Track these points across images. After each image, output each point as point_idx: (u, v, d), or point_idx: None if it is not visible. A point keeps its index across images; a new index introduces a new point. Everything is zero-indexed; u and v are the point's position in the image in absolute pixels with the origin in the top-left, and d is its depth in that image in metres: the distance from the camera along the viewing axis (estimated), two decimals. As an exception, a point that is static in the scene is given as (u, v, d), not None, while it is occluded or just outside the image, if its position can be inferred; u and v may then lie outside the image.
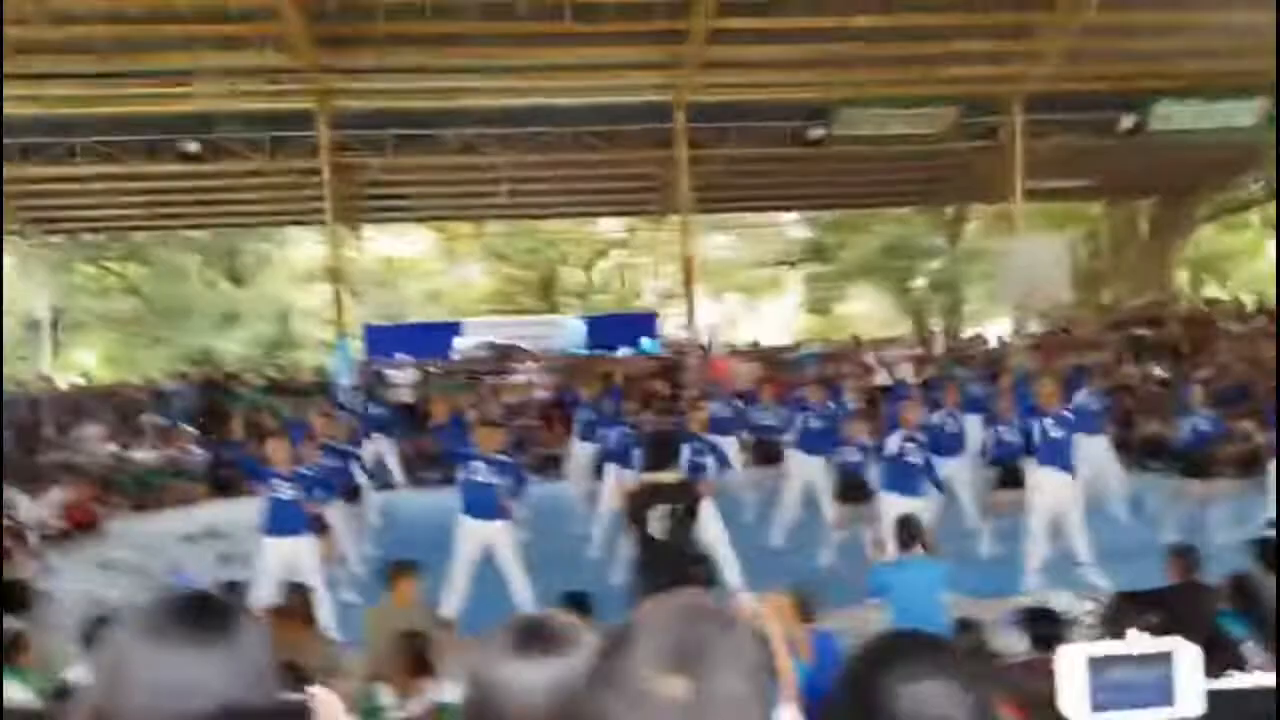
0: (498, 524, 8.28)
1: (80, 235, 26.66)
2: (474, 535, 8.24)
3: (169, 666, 1.31)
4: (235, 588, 6.79)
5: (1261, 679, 1.92)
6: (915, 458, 8.85)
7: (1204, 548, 6.99)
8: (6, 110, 16.03)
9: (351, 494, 10.60)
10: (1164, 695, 1.70)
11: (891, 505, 8.52)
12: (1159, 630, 4.36)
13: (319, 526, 8.81)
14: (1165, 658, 1.72)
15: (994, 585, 7.90)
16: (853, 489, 9.68)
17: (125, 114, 17.00)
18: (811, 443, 10.70)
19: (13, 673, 5.34)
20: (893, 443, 8.93)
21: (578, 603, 6.11)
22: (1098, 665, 1.68)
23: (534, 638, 1.54)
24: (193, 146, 17.14)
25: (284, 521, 8.03)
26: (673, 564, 6.35)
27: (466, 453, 8.43)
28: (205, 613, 1.37)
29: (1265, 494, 9.32)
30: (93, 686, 1.35)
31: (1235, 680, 1.87)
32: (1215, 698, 1.70)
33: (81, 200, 21.00)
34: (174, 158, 17.42)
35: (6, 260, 24.48)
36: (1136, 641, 1.73)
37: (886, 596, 6.25)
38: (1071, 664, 1.68)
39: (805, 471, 10.67)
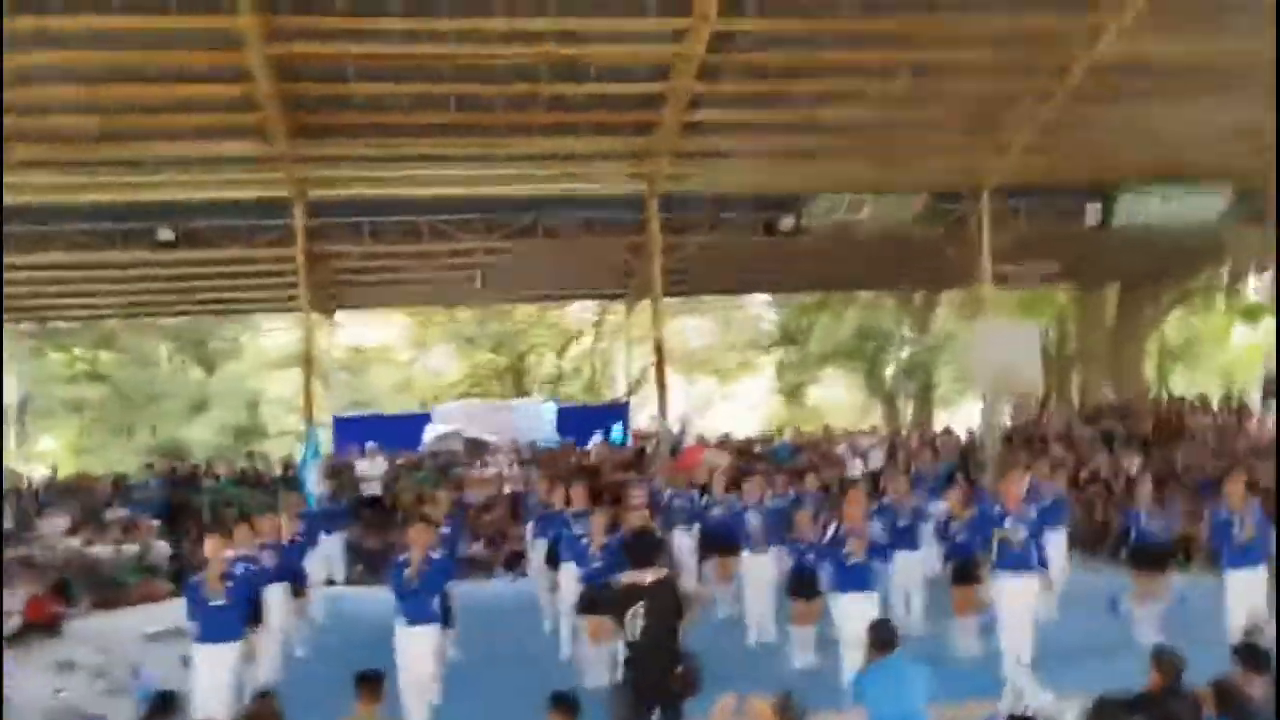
0: (425, 630, 8.02)
1: (52, 323, 26.46)
2: (405, 641, 7.97)
3: None
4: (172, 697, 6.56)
5: None
6: (859, 552, 8.60)
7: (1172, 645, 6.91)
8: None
9: (298, 590, 10.66)
10: None
11: (842, 603, 8.44)
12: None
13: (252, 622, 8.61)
14: None
15: (971, 685, 7.75)
16: (803, 585, 9.58)
17: (101, 202, 17.01)
18: (766, 539, 10.71)
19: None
20: (837, 538, 8.80)
21: (566, 704, 5.95)
22: None
23: None
24: (168, 234, 17.12)
25: (213, 629, 7.79)
26: (655, 666, 6.22)
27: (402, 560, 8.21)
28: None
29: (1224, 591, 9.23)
30: None
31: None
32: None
33: (55, 288, 20.87)
34: (149, 245, 17.40)
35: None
36: None
37: (868, 703, 6.11)
38: None
39: (764, 569, 10.66)
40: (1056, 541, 10.84)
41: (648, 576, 6.47)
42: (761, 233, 18.92)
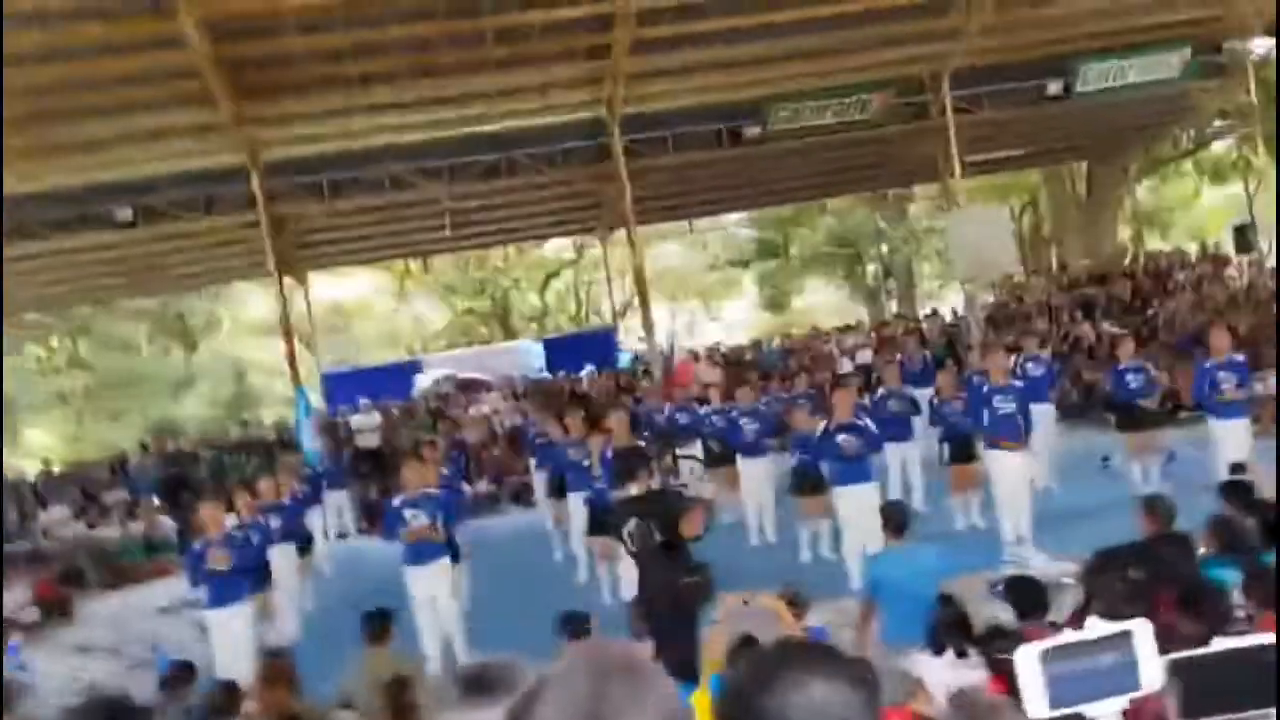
0: (435, 565, 8.13)
1: (22, 316, 26.18)
2: (416, 580, 8.10)
3: None
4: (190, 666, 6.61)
5: (1258, 639, 1.88)
6: (854, 445, 8.72)
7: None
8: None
9: (304, 547, 10.85)
10: (1130, 680, 1.64)
11: (843, 497, 8.54)
12: (1143, 585, 4.32)
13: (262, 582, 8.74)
14: (1126, 639, 1.66)
15: (974, 560, 7.87)
16: (806, 481, 9.69)
17: (52, 188, 16.75)
18: (754, 447, 10.80)
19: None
20: (831, 434, 8.89)
21: (577, 622, 6.02)
22: (1056, 657, 1.63)
23: (476, 684, 1.49)
24: (126, 213, 16.91)
25: (222, 593, 7.88)
26: (658, 577, 6.26)
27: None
28: None
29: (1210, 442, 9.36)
30: None
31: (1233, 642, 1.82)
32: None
33: (20, 279, 20.61)
34: (108, 226, 17.18)
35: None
36: (1093, 628, 1.68)
37: (880, 588, 6.19)
38: (1028, 664, 1.63)
39: (760, 471, 10.77)
40: (1046, 412, 10.91)
41: (633, 490, 6.53)
42: (728, 144, 18.75)
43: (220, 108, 15.22)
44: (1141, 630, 1.64)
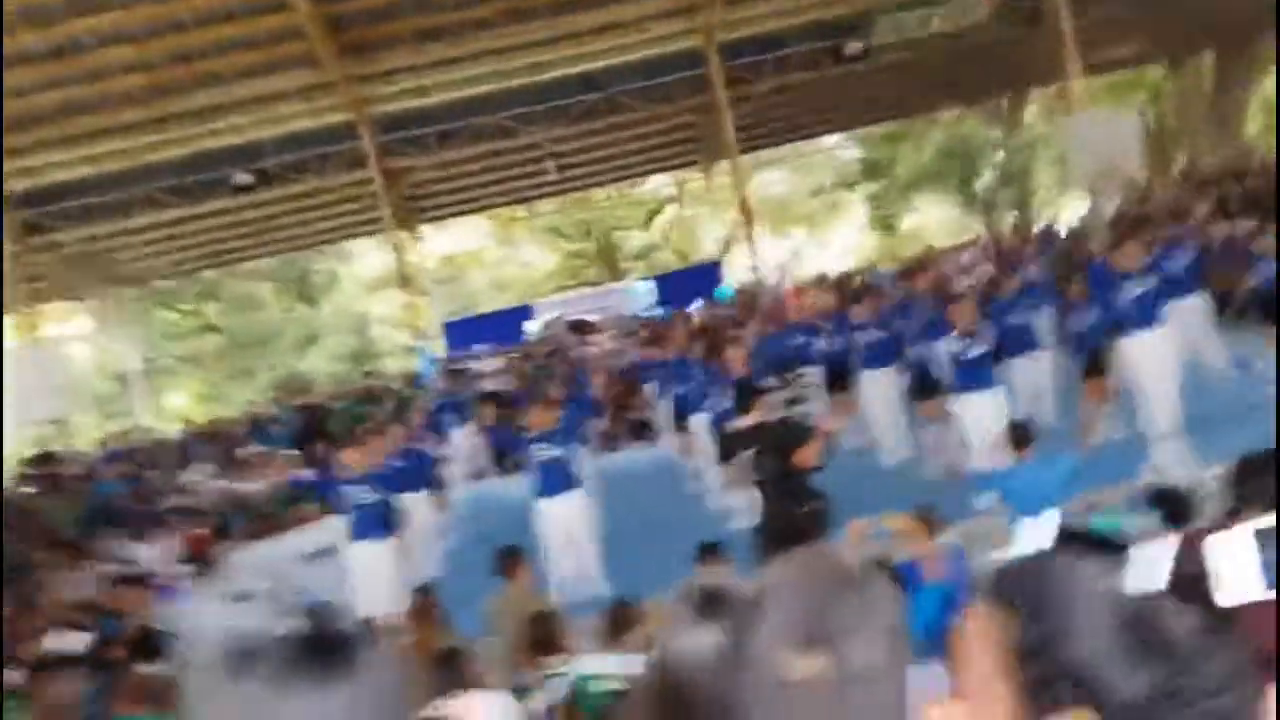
0: (568, 497, 8.25)
1: (151, 283, 27.36)
2: (549, 514, 8.23)
3: (294, 713, 1.24)
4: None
5: None
6: (976, 353, 8.53)
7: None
8: (58, 177, 16.49)
9: (436, 488, 11.08)
10: None
11: (964, 404, 8.33)
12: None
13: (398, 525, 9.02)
14: None
15: (1111, 468, 7.60)
16: (925, 386, 9.53)
17: (172, 158, 17.33)
18: (876, 359, 10.46)
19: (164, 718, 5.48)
20: (953, 343, 8.66)
21: (714, 552, 6.06)
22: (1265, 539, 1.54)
23: (706, 604, 1.48)
24: (245, 178, 17.40)
25: (365, 527, 8.14)
26: (777, 506, 6.24)
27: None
28: (327, 650, 1.29)
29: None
30: None
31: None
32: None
33: (147, 250, 21.51)
34: (228, 191, 17.72)
35: (89, 323, 25.27)
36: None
37: (1011, 500, 6.07)
38: (1232, 545, 1.54)
39: (878, 387, 10.44)
40: (1192, 306, 10.28)
41: (748, 421, 6.50)
42: (830, 64, 18.25)
43: (326, 67, 15.47)
44: None
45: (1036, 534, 5.20)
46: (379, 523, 8.18)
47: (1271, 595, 1.50)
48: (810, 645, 1.16)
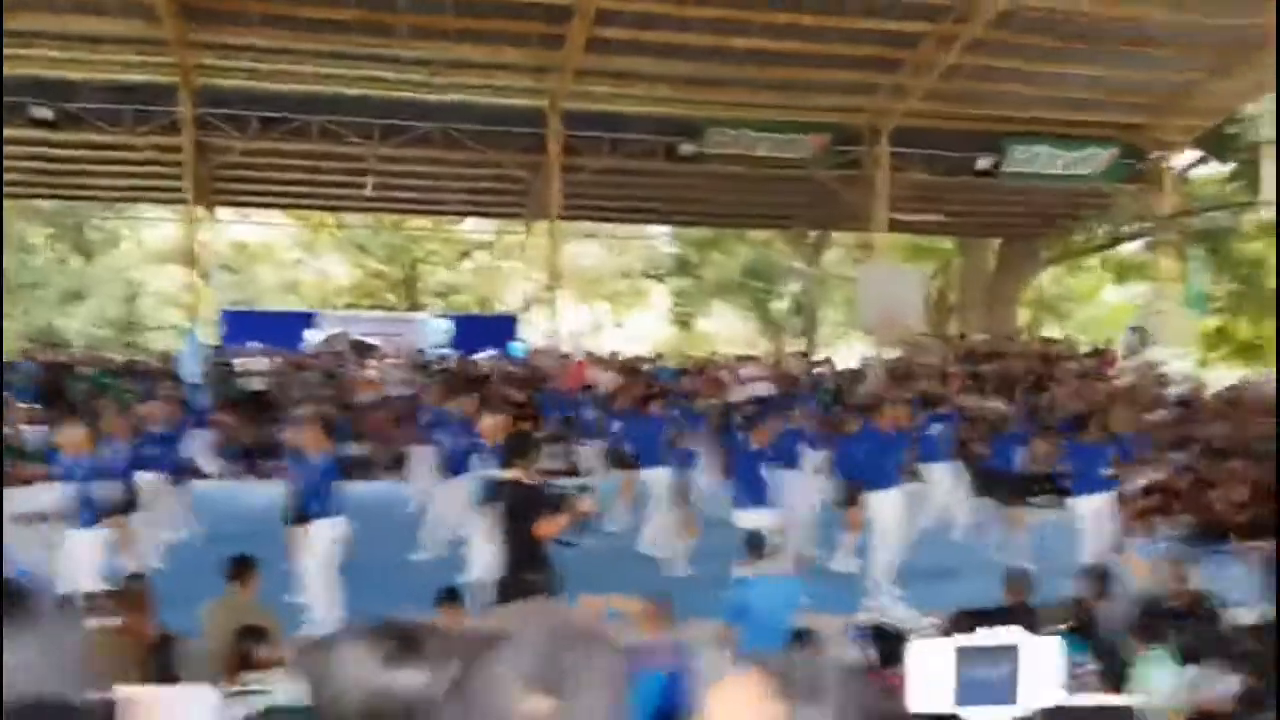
0: (334, 522, 8.02)
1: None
2: (312, 535, 8.00)
3: None
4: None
5: (1110, 699, 1.98)
6: (764, 473, 8.94)
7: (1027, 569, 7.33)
8: None
9: (176, 478, 10.66)
10: (1007, 692, 1.71)
11: (744, 519, 8.70)
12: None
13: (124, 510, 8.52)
14: (1010, 651, 1.72)
15: (837, 600, 8.08)
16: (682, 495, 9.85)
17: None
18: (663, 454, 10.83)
19: None
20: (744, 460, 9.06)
21: (453, 598, 6.03)
22: (961, 657, 1.69)
23: (384, 639, 1.48)
24: (45, 113, 16.23)
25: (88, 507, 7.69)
26: (515, 571, 6.31)
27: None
28: (14, 602, 1.27)
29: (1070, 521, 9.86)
30: None
31: (1089, 699, 1.91)
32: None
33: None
34: (25, 123, 16.46)
35: None
36: (990, 635, 1.73)
37: (741, 613, 6.34)
38: (929, 656, 1.69)
39: (659, 482, 10.77)
40: (949, 468, 11.39)
41: (508, 475, 6.58)
42: (663, 157, 18.91)
43: (164, 24, 14.76)
44: (1031, 648, 1.71)
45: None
46: (95, 506, 7.68)
47: (961, 711, 1.65)
48: (540, 689, 1.22)
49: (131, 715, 1.34)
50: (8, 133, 16.93)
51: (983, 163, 19.29)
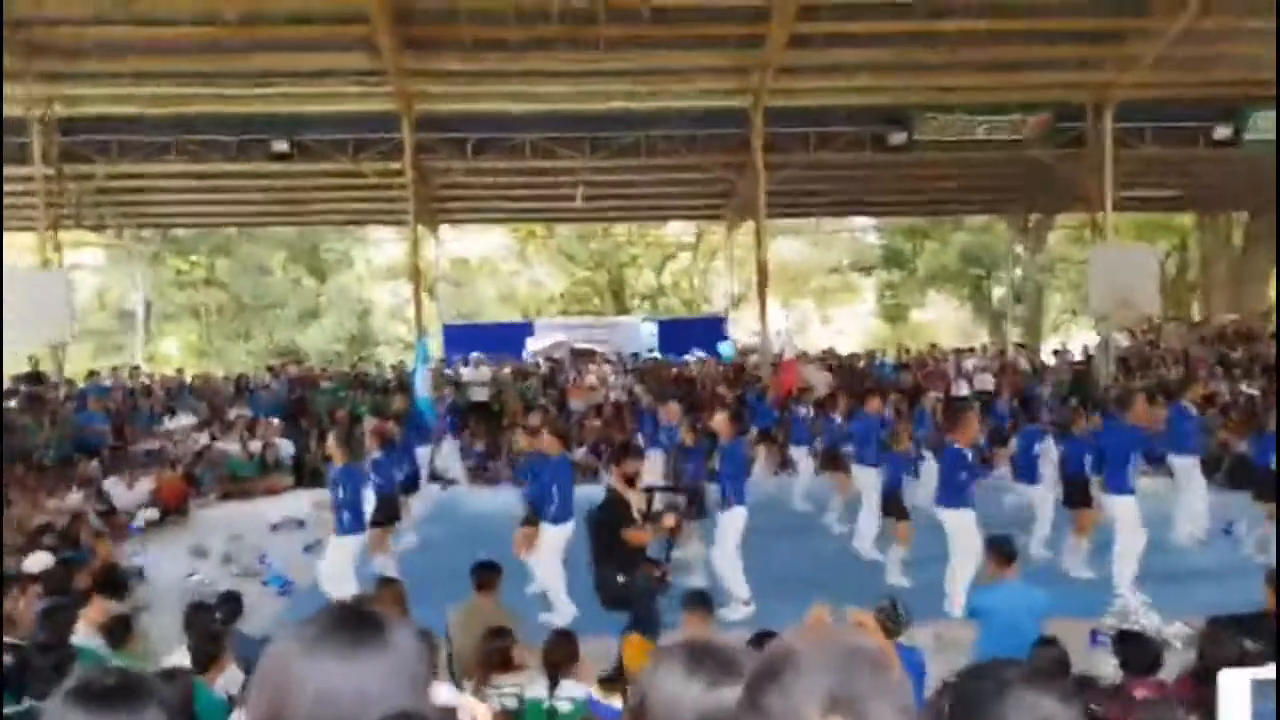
0: (541, 525, 8.32)
1: (172, 230, 27.51)
2: (549, 538, 8.31)
3: (332, 675, 1.32)
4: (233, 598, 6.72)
5: None
6: (965, 473, 8.47)
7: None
8: (103, 109, 16.62)
9: (410, 489, 11.09)
10: None
11: (944, 519, 8.42)
12: (1257, 657, 4.22)
13: (388, 519, 9.10)
14: None
15: (1081, 605, 7.68)
16: (893, 504, 9.61)
17: (216, 113, 17.50)
18: (873, 455, 10.52)
19: (119, 655, 5.52)
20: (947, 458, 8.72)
21: (702, 602, 6.09)
22: (1262, 690, 1.62)
23: (702, 661, 1.54)
24: (282, 146, 17.54)
25: (343, 519, 8.16)
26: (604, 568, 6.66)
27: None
28: (363, 622, 1.39)
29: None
30: (258, 699, 1.36)
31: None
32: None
33: (174, 197, 21.61)
34: (264, 157, 17.85)
35: (102, 255, 25.29)
36: None
37: (985, 618, 6.11)
38: (1234, 687, 1.62)
39: (868, 483, 10.52)
40: (1188, 466, 10.64)
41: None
42: (870, 149, 18.53)
43: (383, 56, 15.64)
44: None
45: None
46: (358, 518, 8.20)
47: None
48: (837, 712, 1.23)
49: None
50: (250, 167, 18.42)
51: (1221, 131, 17.91)
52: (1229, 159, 19.11)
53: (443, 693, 1.46)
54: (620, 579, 6.83)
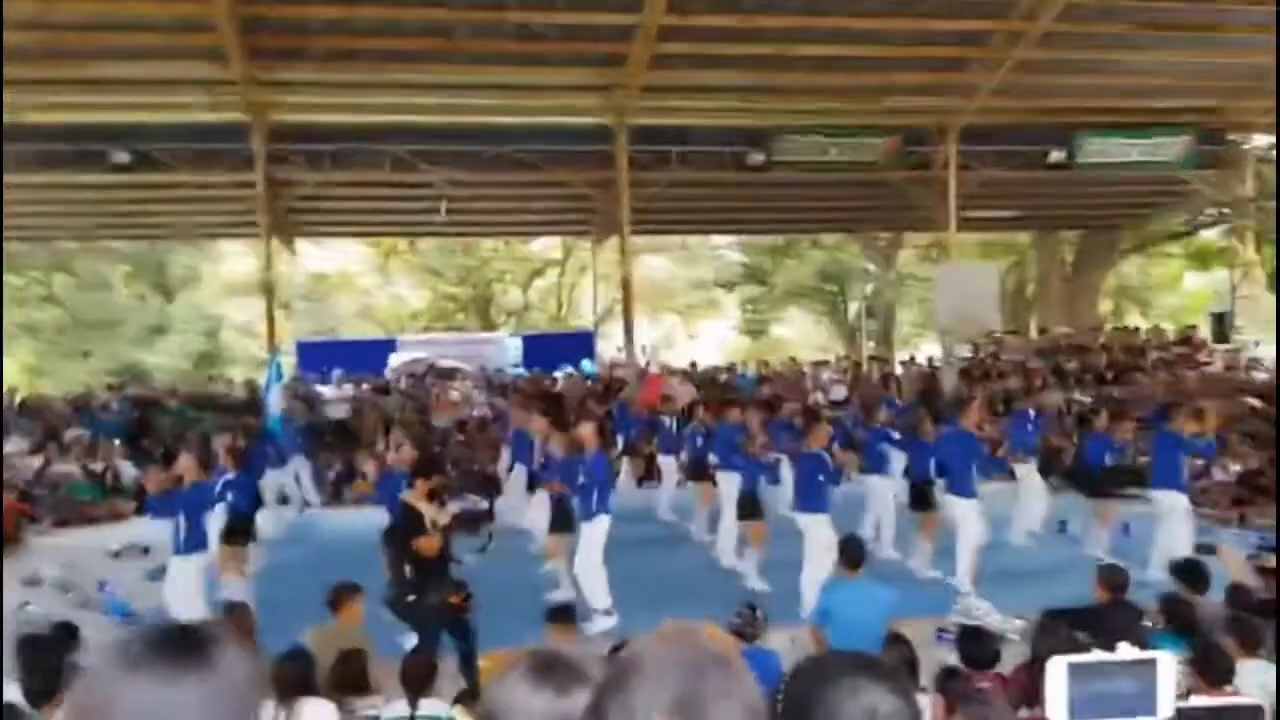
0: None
1: (4, 243, 25.93)
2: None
3: (150, 700, 1.27)
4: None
5: (1239, 700, 1.99)
6: (822, 476, 8.75)
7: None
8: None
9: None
10: (1147, 704, 1.74)
11: (801, 523, 8.65)
12: (1086, 648, 4.50)
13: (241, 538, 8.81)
14: (1150, 665, 1.77)
15: (928, 604, 8.01)
16: (748, 506, 9.83)
17: (53, 123, 16.67)
18: (733, 461, 10.69)
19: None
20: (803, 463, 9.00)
21: (565, 615, 6.10)
22: (1081, 674, 1.73)
23: (549, 671, 1.55)
24: (123, 156, 16.82)
25: (190, 540, 7.87)
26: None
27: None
28: (186, 642, 1.34)
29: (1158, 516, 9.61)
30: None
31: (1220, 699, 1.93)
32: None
33: (7, 208, 20.40)
34: (104, 167, 17.07)
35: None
36: (1122, 651, 1.78)
37: (832, 618, 6.28)
38: (1056, 673, 1.73)
39: (728, 490, 10.63)
40: (1028, 470, 11.30)
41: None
42: (731, 169, 18.93)
43: (232, 65, 15.19)
44: (1165, 661, 1.75)
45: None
46: (201, 538, 7.91)
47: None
48: (679, 713, 1.24)
49: None
50: (88, 179, 17.59)
51: (1055, 155, 18.99)
52: (1063, 181, 20.26)
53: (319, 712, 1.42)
54: (410, 598, 6.79)
